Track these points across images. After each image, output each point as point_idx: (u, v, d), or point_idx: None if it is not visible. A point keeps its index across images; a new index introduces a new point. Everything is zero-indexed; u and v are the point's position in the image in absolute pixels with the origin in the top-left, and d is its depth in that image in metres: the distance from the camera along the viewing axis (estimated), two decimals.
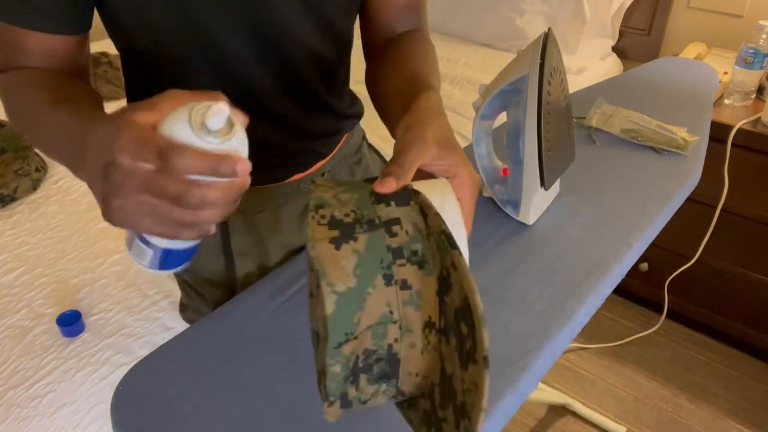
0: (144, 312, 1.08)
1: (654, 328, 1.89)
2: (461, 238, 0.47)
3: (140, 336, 1.04)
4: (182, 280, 0.86)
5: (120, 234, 1.27)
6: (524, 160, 0.72)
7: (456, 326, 0.40)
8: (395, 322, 0.43)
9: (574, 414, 1.67)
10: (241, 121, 0.43)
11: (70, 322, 1.04)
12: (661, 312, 1.88)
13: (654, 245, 0.91)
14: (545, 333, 0.61)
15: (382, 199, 0.45)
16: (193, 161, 0.39)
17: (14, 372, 0.97)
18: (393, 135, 0.58)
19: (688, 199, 0.90)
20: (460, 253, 0.40)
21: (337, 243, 0.42)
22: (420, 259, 0.43)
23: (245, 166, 0.41)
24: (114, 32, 0.64)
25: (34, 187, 1.41)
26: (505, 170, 0.79)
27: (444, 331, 0.42)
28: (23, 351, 1.01)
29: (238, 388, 0.57)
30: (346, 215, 0.44)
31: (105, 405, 0.93)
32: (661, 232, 0.81)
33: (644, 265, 1.86)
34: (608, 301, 2.00)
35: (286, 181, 0.78)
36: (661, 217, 0.80)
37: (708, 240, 1.68)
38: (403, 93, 0.60)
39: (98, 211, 1.33)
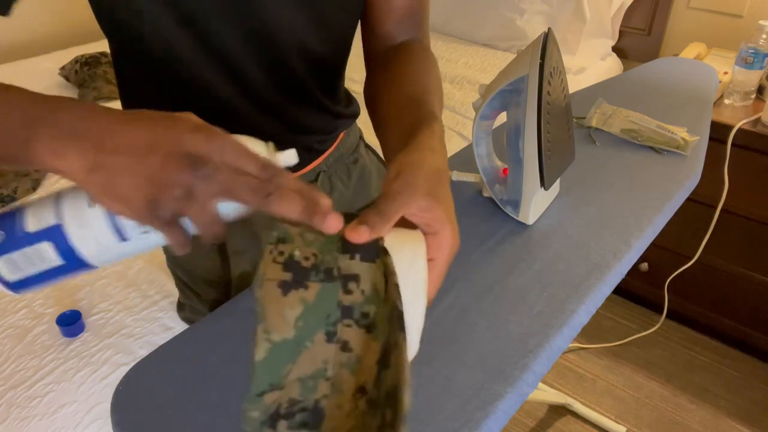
0: (144, 312, 1.08)
1: (654, 328, 1.89)
2: (419, 305, 0.43)
3: (140, 336, 1.04)
4: (179, 280, 0.86)
5: None
6: (524, 160, 0.72)
7: (383, 408, 0.37)
8: (328, 380, 0.41)
9: (574, 414, 1.67)
10: None
11: (70, 322, 1.04)
12: (661, 312, 1.88)
13: (654, 245, 0.91)
14: (545, 333, 0.61)
15: (349, 248, 0.41)
16: (294, 185, 0.40)
17: (14, 372, 0.97)
18: (385, 159, 0.57)
19: (688, 199, 0.90)
20: (404, 338, 0.37)
21: (285, 288, 0.40)
22: (369, 322, 0.40)
23: (336, 221, 0.40)
24: (107, 25, 0.63)
25: (34, 187, 1.41)
26: (505, 170, 0.79)
27: (373, 403, 0.39)
28: (23, 351, 1.01)
29: (238, 388, 0.56)
30: (306, 258, 0.41)
31: (105, 405, 0.93)
32: (661, 232, 0.81)
33: (644, 265, 1.86)
34: (608, 301, 2.00)
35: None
36: (661, 217, 0.80)
37: (708, 240, 1.68)
38: (402, 115, 0.57)
39: None
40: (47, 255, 0.42)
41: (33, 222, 0.42)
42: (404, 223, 0.46)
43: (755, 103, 1.62)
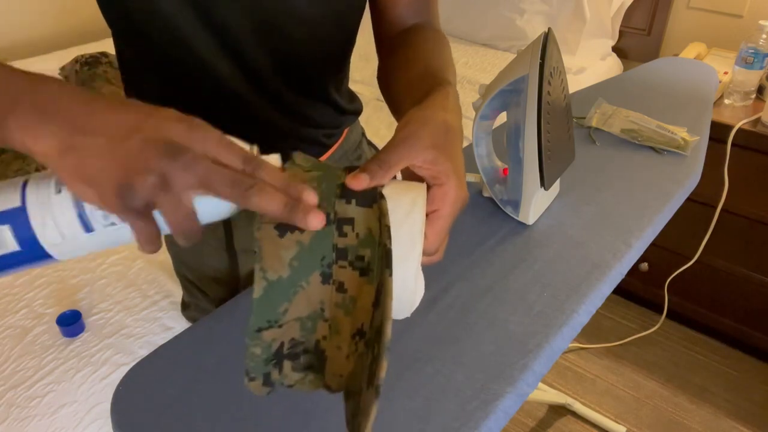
0: (144, 312, 1.08)
1: (654, 328, 1.89)
2: (414, 254, 0.43)
3: (140, 336, 1.04)
4: (185, 278, 0.86)
5: None
6: (524, 160, 0.72)
7: (373, 344, 0.39)
8: (326, 320, 0.42)
9: (574, 414, 1.67)
10: None
11: (70, 322, 1.04)
12: (661, 312, 1.88)
13: (654, 245, 0.91)
14: (545, 333, 0.61)
15: (347, 194, 0.42)
16: (271, 176, 0.39)
17: (14, 372, 0.97)
18: None
19: (688, 199, 0.90)
20: (390, 274, 0.38)
21: (281, 230, 0.41)
22: (364, 265, 0.41)
23: (317, 219, 0.40)
24: (113, 14, 0.63)
25: None
26: (505, 170, 0.79)
27: (368, 343, 0.40)
28: (23, 351, 1.01)
29: (239, 387, 0.56)
30: None
31: (105, 405, 0.93)
32: (661, 232, 0.81)
33: (644, 265, 1.86)
34: (608, 301, 2.00)
35: None
36: (661, 217, 0.80)
37: (708, 240, 1.68)
38: (416, 86, 0.57)
39: None
40: (4, 239, 0.39)
41: None
42: (413, 177, 0.47)
43: (755, 103, 1.62)
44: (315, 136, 0.77)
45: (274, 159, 0.43)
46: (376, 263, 0.41)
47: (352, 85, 0.84)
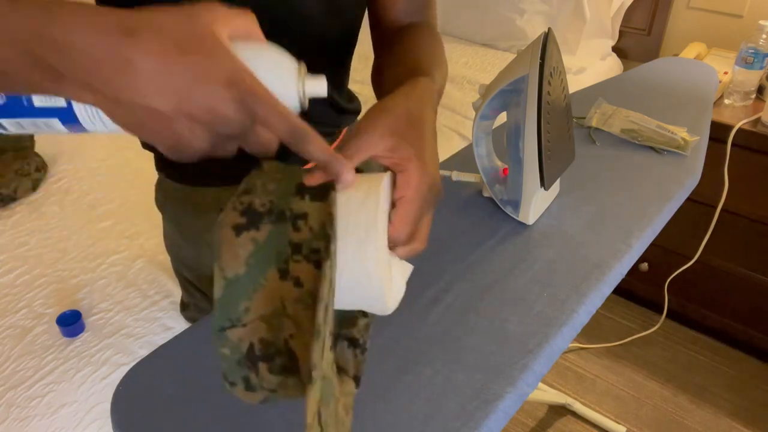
0: (144, 312, 1.08)
1: (654, 328, 1.89)
2: (370, 242, 0.41)
3: (140, 336, 1.04)
4: (184, 279, 0.86)
5: (120, 234, 1.27)
6: (524, 160, 0.72)
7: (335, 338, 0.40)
8: (290, 318, 0.42)
9: (574, 414, 1.67)
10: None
11: (70, 322, 1.04)
12: (661, 312, 1.88)
13: (654, 245, 0.91)
14: (545, 333, 0.61)
15: (302, 190, 0.43)
16: (315, 149, 0.39)
17: (14, 372, 0.97)
18: None
19: (688, 199, 0.90)
20: (328, 257, 0.39)
21: (238, 230, 0.42)
22: (318, 258, 0.42)
23: (348, 177, 0.41)
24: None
25: (34, 187, 1.41)
26: (505, 170, 0.79)
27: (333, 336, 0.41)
28: (23, 351, 1.01)
29: None
30: (263, 205, 0.43)
31: (105, 405, 0.93)
32: (661, 232, 0.81)
33: (644, 265, 1.86)
34: (608, 301, 2.00)
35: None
36: (661, 217, 0.80)
37: (708, 240, 1.68)
38: (402, 82, 0.56)
39: (98, 211, 1.33)
40: (54, 126, 0.41)
41: (38, 98, 0.41)
42: (380, 169, 0.47)
43: (755, 103, 1.62)
44: None
45: (320, 83, 0.42)
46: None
47: (352, 85, 0.84)
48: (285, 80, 0.40)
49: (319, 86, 0.42)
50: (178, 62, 0.34)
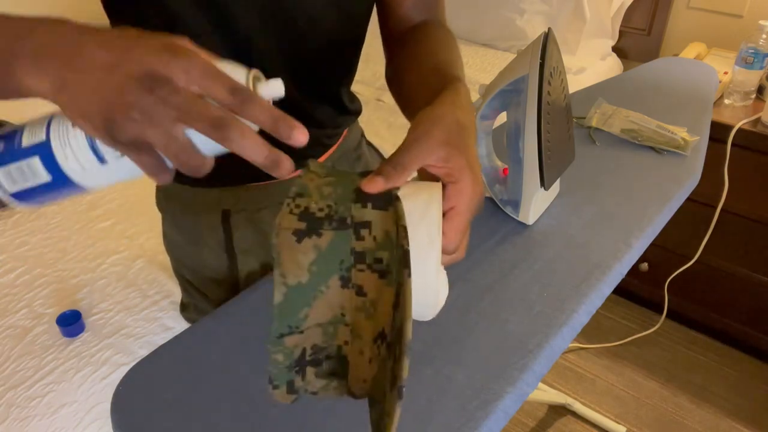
0: (144, 312, 1.08)
1: (654, 328, 1.89)
2: (433, 252, 0.44)
3: (140, 336, 1.04)
4: (184, 279, 0.86)
5: (120, 234, 1.27)
6: (524, 160, 0.72)
7: (394, 346, 0.39)
8: (347, 325, 0.42)
9: (574, 414, 1.67)
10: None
11: (70, 322, 1.04)
12: (661, 312, 1.88)
13: (654, 245, 0.91)
14: (545, 333, 0.61)
15: (363, 198, 0.42)
16: (264, 113, 0.37)
17: (14, 372, 0.97)
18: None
19: (688, 199, 0.90)
20: (409, 275, 0.38)
21: (299, 236, 0.41)
22: (383, 267, 0.41)
23: (300, 137, 0.39)
24: (119, 14, 0.62)
25: None
26: (505, 170, 0.79)
27: (390, 346, 0.40)
28: (23, 351, 1.01)
29: (239, 388, 0.57)
30: (320, 209, 0.42)
31: (105, 405, 0.93)
32: (661, 232, 0.81)
33: (644, 265, 1.86)
34: (608, 301, 2.00)
35: (289, 176, 0.78)
36: (661, 217, 0.80)
37: (708, 240, 1.68)
38: (426, 84, 0.57)
39: (98, 211, 1.33)
40: (37, 170, 0.43)
41: (27, 137, 0.43)
42: (428, 176, 0.47)
43: (755, 103, 1.62)
44: (317, 137, 0.77)
45: (276, 85, 0.41)
46: (394, 265, 0.41)
47: (352, 85, 0.84)
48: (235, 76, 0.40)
49: (274, 88, 0.41)
50: (121, 36, 0.39)
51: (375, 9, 0.73)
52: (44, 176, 0.43)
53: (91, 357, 0.99)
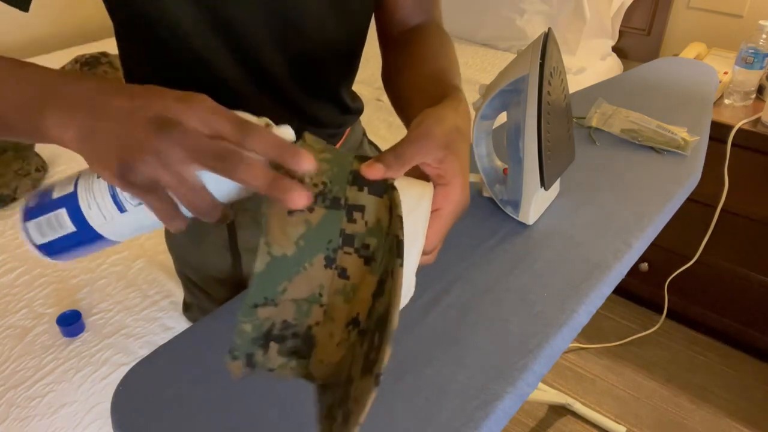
0: (144, 312, 1.08)
1: (654, 328, 1.89)
2: (414, 249, 0.44)
3: (140, 336, 1.04)
4: (187, 279, 0.86)
5: None
6: (524, 160, 0.72)
7: (372, 333, 0.39)
8: (322, 306, 0.42)
9: (574, 414, 1.67)
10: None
11: (70, 322, 1.04)
12: (661, 312, 1.88)
13: (654, 245, 0.91)
14: (545, 333, 0.61)
15: (359, 181, 0.42)
16: (269, 144, 0.39)
17: (14, 372, 0.97)
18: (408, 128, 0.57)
19: (688, 199, 0.90)
20: (401, 264, 0.38)
21: None
22: (369, 254, 0.42)
23: (306, 164, 0.39)
24: (121, 13, 0.62)
25: (34, 187, 1.41)
26: (505, 170, 0.79)
27: (364, 333, 0.40)
28: (23, 351, 1.01)
29: (239, 388, 0.57)
30: (315, 185, 0.42)
31: (105, 405, 0.93)
32: (661, 232, 0.81)
33: (644, 265, 1.86)
34: (608, 301, 2.00)
35: None
36: (661, 217, 0.80)
37: (708, 240, 1.68)
38: (426, 90, 0.58)
39: None
40: (64, 221, 0.44)
41: (57, 191, 0.45)
42: (419, 174, 0.47)
43: (755, 103, 1.62)
44: (320, 137, 0.77)
45: (286, 132, 0.43)
46: (381, 253, 0.41)
47: (353, 86, 0.84)
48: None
49: (284, 135, 0.42)
50: (142, 88, 0.42)
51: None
52: (69, 227, 0.44)
53: (91, 357, 0.99)
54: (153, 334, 1.04)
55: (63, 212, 0.44)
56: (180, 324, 1.06)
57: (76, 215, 0.44)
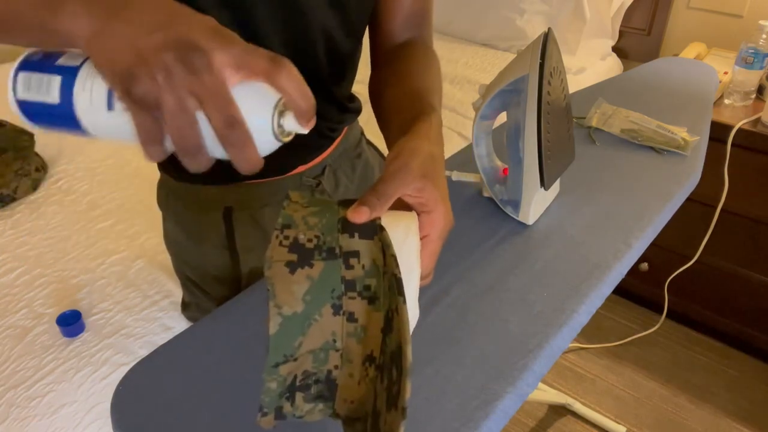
0: (144, 312, 1.08)
1: (654, 328, 1.89)
2: (413, 279, 0.47)
3: (140, 336, 1.04)
4: (185, 278, 0.86)
5: (120, 234, 1.27)
6: (524, 160, 0.72)
7: (390, 368, 0.41)
8: (337, 350, 0.44)
9: (574, 414, 1.67)
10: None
11: (70, 322, 1.04)
12: (661, 312, 1.88)
13: (654, 245, 0.91)
14: (545, 333, 0.61)
15: (349, 228, 0.45)
16: (292, 77, 0.40)
17: (14, 372, 0.97)
18: (388, 149, 0.59)
19: (688, 199, 0.90)
20: (404, 301, 0.40)
21: (292, 267, 0.43)
22: (371, 294, 0.43)
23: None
24: None
25: (34, 187, 1.41)
26: (505, 170, 0.79)
27: (381, 368, 0.42)
28: (23, 351, 1.01)
29: (239, 388, 0.57)
30: (309, 240, 0.44)
31: (105, 405, 0.93)
32: (661, 232, 0.81)
33: (644, 265, 1.86)
34: (608, 301, 2.00)
35: (289, 173, 0.78)
36: (661, 217, 0.80)
37: (708, 240, 1.68)
38: (403, 109, 0.60)
39: (98, 212, 1.33)
40: (52, 89, 0.43)
41: (65, 59, 0.44)
42: (401, 205, 0.50)
43: (755, 103, 1.62)
44: (319, 127, 0.78)
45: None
46: (381, 292, 0.43)
47: (354, 86, 0.84)
48: (261, 109, 0.41)
49: (297, 124, 0.43)
50: (176, 4, 0.40)
51: None
52: (54, 97, 0.43)
53: (91, 357, 0.99)
54: (153, 334, 1.04)
55: (57, 80, 0.43)
56: (180, 324, 1.06)
57: (66, 91, 0.43)
